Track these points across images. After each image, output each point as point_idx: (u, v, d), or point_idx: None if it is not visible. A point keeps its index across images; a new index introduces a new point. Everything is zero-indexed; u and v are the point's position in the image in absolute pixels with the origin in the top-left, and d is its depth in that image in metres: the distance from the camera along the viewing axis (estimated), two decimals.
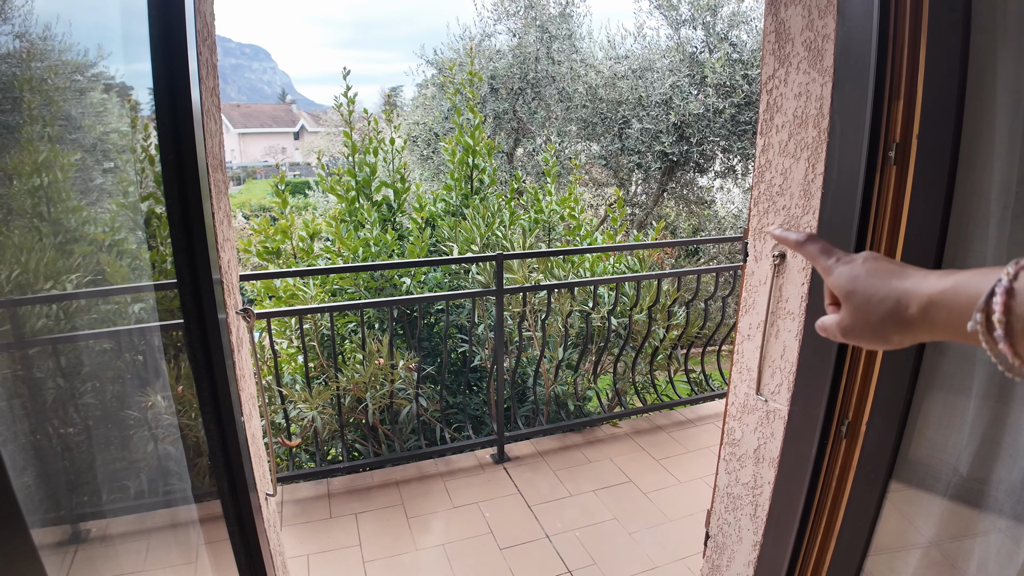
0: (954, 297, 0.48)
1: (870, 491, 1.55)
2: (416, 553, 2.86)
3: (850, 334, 0.60)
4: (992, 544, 1.41)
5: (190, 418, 1.75)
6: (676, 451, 3.76)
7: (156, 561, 1.63)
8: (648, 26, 10.04)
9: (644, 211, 10.41)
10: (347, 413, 3.73)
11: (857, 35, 1.40)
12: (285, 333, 4.31)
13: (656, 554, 2.84)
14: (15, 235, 1.31)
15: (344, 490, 3.35)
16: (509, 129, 10.28)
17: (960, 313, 0.47)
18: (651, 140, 9.25)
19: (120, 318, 1.66)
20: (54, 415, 1.46)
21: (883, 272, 0.58)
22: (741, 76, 8.73)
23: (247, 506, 1.49)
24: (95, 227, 1.50)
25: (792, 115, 1.64)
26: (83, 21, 1.37)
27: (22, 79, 1.28)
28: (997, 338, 0.43)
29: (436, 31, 23.77)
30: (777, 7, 1.65)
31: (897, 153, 1.36)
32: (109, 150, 1.60)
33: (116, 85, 1.51)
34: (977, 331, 0.45)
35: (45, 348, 1.50)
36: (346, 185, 4.77)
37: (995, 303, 0.43)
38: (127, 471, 1.65)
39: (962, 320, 0.47)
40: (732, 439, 2.03)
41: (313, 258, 4.60)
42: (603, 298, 4.29)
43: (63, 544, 1.39)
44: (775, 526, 1.85)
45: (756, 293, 1.86)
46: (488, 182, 5.09)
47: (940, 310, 0.50)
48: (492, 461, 3.66)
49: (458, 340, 4.40)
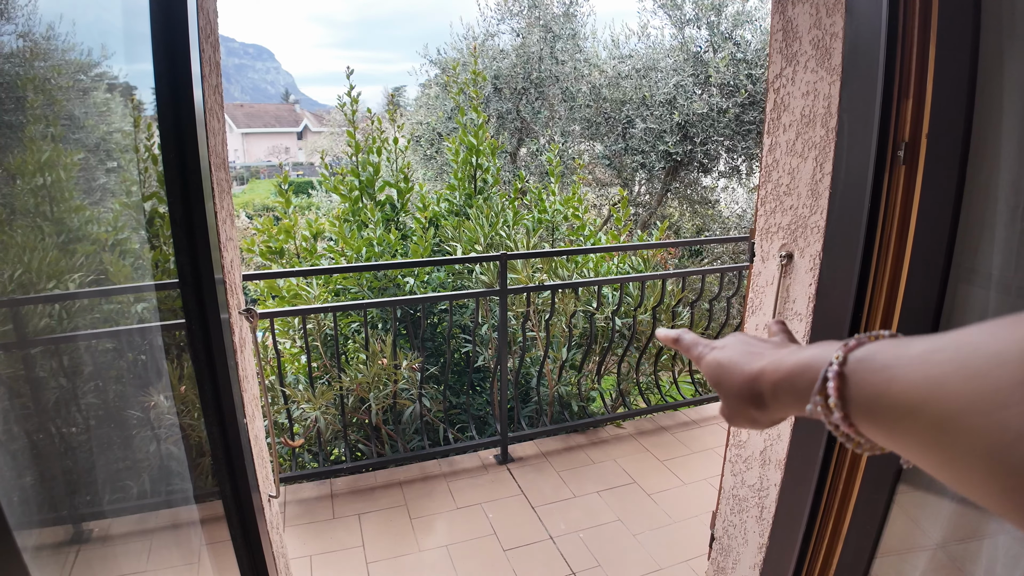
0: (798, 378, 0.48)
1: (877, 493, 1.54)
2: (419, 554, 2.85)
3: (730, 419, 0.61)
4: (999, 546, 1.40)
5: (192, 418, 1.75)
6: (680, 452, 3.74)
7: (158, 562, 1.62)
8: (652, 25, 9.99)
9: (648, 211, 10.40)
10: (350, 413, 3.73)
11: (866, 33, 1.38)
12: (288, 333, 4.31)
13: (661, 556, 2.83)
14: (18, 234, 1.31)
15: (347, 491, 3.35)
16: (513, 129, 10.28)
17: (802, 396, 0.48)
18: (655, 140, 9.23)
19: (123, 318, 1.66)
20: (56, 415, 1.45)
21: (742, 355, 0.59)
22: (745, 75, 8.71)
23: (250, 507, 1.49)
24: (98, 226, 1.50)
25: (800, 114, 1.62)
26: (86, 20, 1.37)
27: (25, 79, 1.27)
28: (835, 421, 0.43)
29: (439, 31, 23.80)
30: (784, 5, 1.64)
31: (906, 152, 1.35)
32: (112, 149, 1.60)
33: (119, 85, 1.51)
34: (817, 413, 0.45)
35: (48, 348, 1.50)
36: (349, 185, 4.76)
37: (829, 387, 0.43)
38: (129, 471, 1.64)
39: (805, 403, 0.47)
40: (738, 440, 2.02)
41: (316, 258, 4.60)
42: (607, 298, 4.28)
43: (65, 544, 1.38)
44: (781, 528, 1.83)
45: (763, 294, 1.85)
46: (492, 182, 5.09)
47: (786, 393, 0.50)
48: (496, 462, 3.65)
49: (461, 340, 4.39)
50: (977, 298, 1.33)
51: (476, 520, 3.10)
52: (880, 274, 1.44)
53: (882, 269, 1.43)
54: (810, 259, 1.63)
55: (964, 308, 1.35)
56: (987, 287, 1.32)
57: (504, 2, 10.04)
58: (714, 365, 0.62)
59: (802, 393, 0.47)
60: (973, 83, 1.23)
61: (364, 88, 5.04)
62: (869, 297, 1.46)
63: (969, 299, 1.34)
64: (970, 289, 1.34)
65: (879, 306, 1.45)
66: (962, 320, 1.34)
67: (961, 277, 1.34)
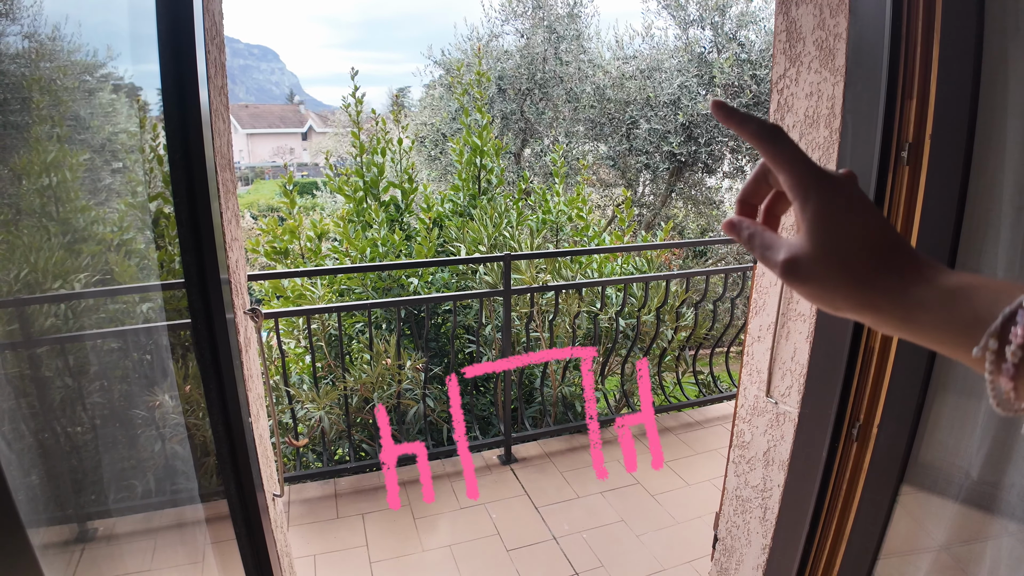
0: (964, 303, 0.38)
1: (881, 494, 1.54)
2: (423, 554, 2.85)
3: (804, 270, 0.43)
4: (1003, 548, 1.39)
5: (197, 418, 1.75)
6: (684, 453, 3.74)
7: (163, 561, 1.63)
8: (656, 26, 9.98)
9: (652, 212, 10.39)
10: (354, 413, 3.74)
11: (869, 34, 1.38)
12: (293, 333, 4.33)
13: (664, 556, 2.83)
14: (24, 234, 1.32)
15: (351, 490, 3.35)
16: (517, 130, 10.28)
17: (964, 324, 0.38)
18: (659, 140, 9.22)
19: (128, 317, 1.67)
20: (62, 414, 1.46)
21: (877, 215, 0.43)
22: (750, 76, 8.70)
23: (254, 506, 1.49)
24: (103, 227, 1.51)
25: (803, 115, 1.62)
26: (92, 22, 1.38)
27: (31, 79, 1.28)
28: (1005, 370, 0.35)
29: (444, 32, 23.76)
30: (788, 6, 1.64)
31: (910, 153, 1.35)
32: (118, 150, 1.60)
33: (125, 85, 1.51)
34: (983, 357, 0.36)
35: (53, 347, 1.50)
36: (354, 185, 4.78)
37: (1015, 333, 0.34)
38: (134, 470, 1.65)
39: (962, 333, 0.38)
40: (741, 441, 2.02)
41: (321, 258, 4.61)
42: (611, 299, 4.28)
43: (70, 543, 1.39)
44: (785, 529, 1.83)
45: (767, 294, 1.85)
46: (496, 182, 5.09)
47: (940, 309, 0.39)
48: (499, 462, 3.66)
49: (465, 341, 4.40)
50: None
51: (479, 520, 3.10)
52: None
53: None
54: None
55: None
56: None
57: (508, 3, 10.04)
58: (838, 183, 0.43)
59: (963, 323, 0.38)
60: (977, 83, 1.23)
61: (368, 89, 5.05)
62: None
63: None
64: None
65: None
66: None
67: None
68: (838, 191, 0.43)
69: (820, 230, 0.42)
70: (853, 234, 0.42)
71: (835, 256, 0.42)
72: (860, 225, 0.42)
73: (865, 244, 0.41)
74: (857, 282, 0.41)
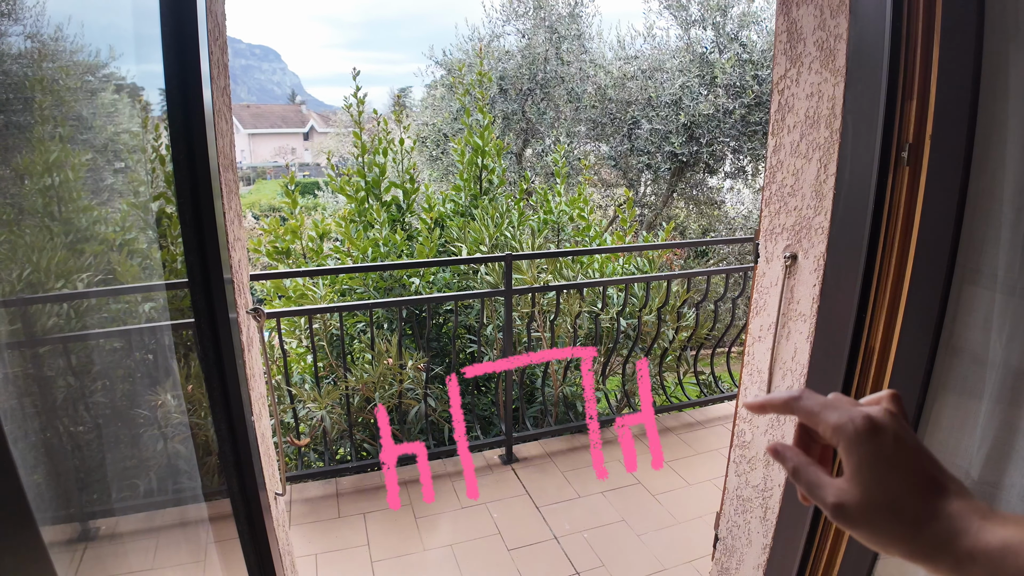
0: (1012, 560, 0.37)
1: None
2: (424, 553, 2.86)
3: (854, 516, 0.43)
4: None
5: (200, 417, 1.76)
6: (685, 453, 3.74)
7: (165, 559, 1.63)
8: (658, 26, 9.98)
9: (654, 212, 10.39)
10: (356, 413, 3.74)
11: (870, 35, 1.39)
12: (295, 333, 4.33)
13: (665, 556, 2.83)
14: (27, 234, 1.32)
15: (352, 489, 3.36)
16: (518, 130, 10.28)
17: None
18: (661, 141, 9.22)
19: (131, 317, 1.67)
20: (65, 413, 1.47)
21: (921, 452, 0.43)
22: (751, 76, 8.69)
23: (256, 505, 1.50)
24: (106, 226, 1.51)
25: (804, 115, 1.63)
26: (94, 22, 1.38)
27: (34, 79, 1.29)
28: None
29: (445, 32, 23.80)
30: (789, 7, 1.64)
31: (910, 154, 1.35)
32: (120, 150, 1.61)
33: (127, 86, 1.52)
34: None
35: (56, 347, 1.51)
36: (356, 185, 4.78)
37: None
38: (137, 469, 1.66)
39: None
40: (742, 441, 2.02)
41: (323, 258, 4.62)
42: (612, 299, 4.28)
43: (73, 542, 1.39)
44: (786, 529, 1.83)
45: (767, 295, 1.85)
46: (497, 183, 5.10)
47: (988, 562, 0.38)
48: (500, 462, 3.66)
49: (467, 340, 4.40)
50: (982, 299, 1.33)
51: (481, 520, 3.11)
52: (884, 275, 1.44)
53: (886, 270, 1.43)
54: (814, 260, 1.63)
55: (969, 309, 1.35)
56: (992, 288, 1.31)
57: (509, 3, 10.04)
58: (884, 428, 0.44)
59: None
60: (977, 84, 1.23)
61: (370, 89, 5.05)
62: (873, 298, 1.46)
63: (974, 300, 1.34)
64: (975, 290, 1.33)
65: (883, 307, 1.45)
66: (966, 322, 1.34)
67: (965, 278, 1.33)
68: (882, 437, 0.43)
69: (866, 479, 0.42)
70: (900, 479, 0.42)
71: (884, 506, 0.42)
72: (906, 471, 0.42)
73: (913, 489, 0.41)
74: (906, 532, 0.41)
